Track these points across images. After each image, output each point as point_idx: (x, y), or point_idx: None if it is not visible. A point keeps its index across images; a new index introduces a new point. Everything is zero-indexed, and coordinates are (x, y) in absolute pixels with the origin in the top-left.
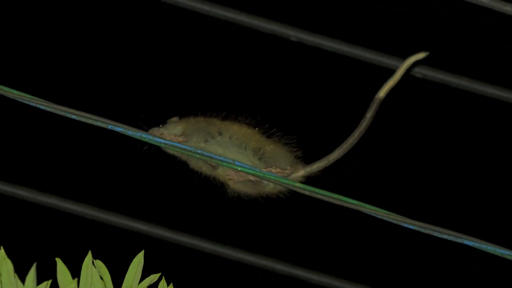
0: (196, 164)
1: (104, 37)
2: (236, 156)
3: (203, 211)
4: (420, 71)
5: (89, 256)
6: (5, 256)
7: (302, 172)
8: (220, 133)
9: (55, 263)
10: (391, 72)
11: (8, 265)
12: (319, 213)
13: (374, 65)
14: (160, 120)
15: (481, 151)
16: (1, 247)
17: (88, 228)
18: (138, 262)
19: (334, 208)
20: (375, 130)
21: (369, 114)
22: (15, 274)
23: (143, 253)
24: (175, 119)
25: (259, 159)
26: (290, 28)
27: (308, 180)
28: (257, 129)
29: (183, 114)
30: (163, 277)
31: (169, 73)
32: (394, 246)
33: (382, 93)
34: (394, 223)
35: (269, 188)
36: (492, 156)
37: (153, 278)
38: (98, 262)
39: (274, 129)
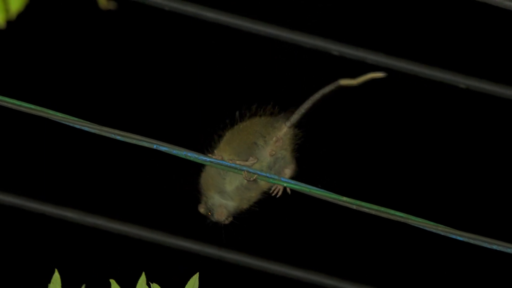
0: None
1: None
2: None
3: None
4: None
5: (142, 277)
6: (59, 279)
7: (285, 128)
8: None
9: (108, 285)
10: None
11: None
12: (367, 226)
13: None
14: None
15: None
16: (56, 270)
17: (141, 249)
18: (193, 283)
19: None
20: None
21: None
22: None
23: (197, 276)
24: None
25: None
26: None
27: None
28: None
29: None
30: None
31: (208, 90)
32: (441, 257)
33: (342, 81)
34: (442, 235)
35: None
36: None
37: None
38: (154, 285)
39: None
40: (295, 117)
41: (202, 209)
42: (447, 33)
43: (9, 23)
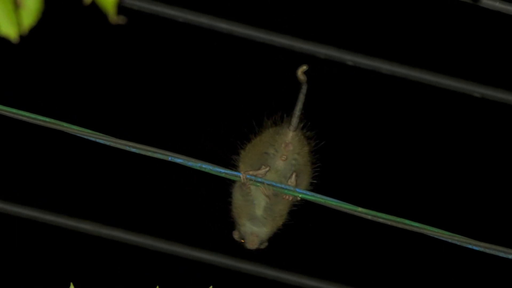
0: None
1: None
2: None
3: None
4: (478, 90)
5: None
6: None
7: (290, 134)
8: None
9: None
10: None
11: None
12: (383, 236)
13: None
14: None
15: None
16: (71, 283)
17: (156, 261)
18: None
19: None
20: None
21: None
22: None
23: None
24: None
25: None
26: (346, 52)
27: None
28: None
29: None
30: None
31: (224, 102)
32: (458, 267)
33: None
34: (458, 244)
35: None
36: None
37: None
38: None
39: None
40: (294, 120)
41: (236, 236)
42: (462, 42)
43: (22, 37)
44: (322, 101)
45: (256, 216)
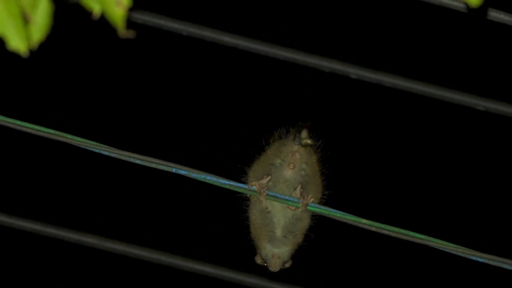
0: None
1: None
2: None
3: None
4: (482, 104)
5: None
6: None
7: (295, 146)
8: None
9: None
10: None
11: None
12: (387, 248)
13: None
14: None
15: None
16: None
17: (158, 273)
18: None
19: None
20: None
21: None
22: None
23: None
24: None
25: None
26: (349, 65)
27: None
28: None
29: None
30: None
31: (228, 114)
32: (462, 279)
33: None
34: (462, 256)
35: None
36: None
37: None
38: None
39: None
40: (297, 134)
41: (259, 260)
42: (466, 56)
43: (31, 51)
44: (326, 114)
45: (276, 236)
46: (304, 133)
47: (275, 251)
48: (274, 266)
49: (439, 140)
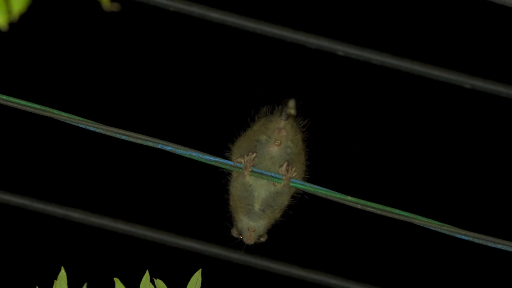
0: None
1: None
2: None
3: None
4: (468, 82)
5: (146, 275)
6: (65, 276)
7: (281, 122)
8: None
9: (113, 284)
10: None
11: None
12: (372, 225)
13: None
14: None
15: None
16: (62, 267)
17: (144, 249)
18: (196, 280)
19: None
20: (420, 145)
21: None
22: None
23: (200, 271)
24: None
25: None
26: (337, 42)
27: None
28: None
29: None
30: None
31: (213, 90)
32: (446, 257)
33: None
34: (447, 234)
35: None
36: None
37: None
38: (158, 281)
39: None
40: (284, 109)
41: (234, 233)
42: (452, 33)
43: (11, 24)
44: (312, 91)
45: (254, 210)
46: (291, 103)
47: (251, 224)
48: (249, 238)
49: (425, 118)
